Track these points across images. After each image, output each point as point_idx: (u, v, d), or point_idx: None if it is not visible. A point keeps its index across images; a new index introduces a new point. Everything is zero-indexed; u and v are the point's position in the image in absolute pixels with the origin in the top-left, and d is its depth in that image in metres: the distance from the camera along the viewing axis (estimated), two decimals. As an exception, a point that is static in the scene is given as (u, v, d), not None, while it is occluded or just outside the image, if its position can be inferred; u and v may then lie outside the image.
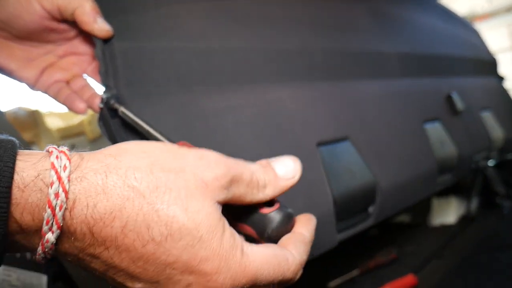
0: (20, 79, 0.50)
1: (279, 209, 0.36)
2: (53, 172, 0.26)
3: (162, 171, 0.29)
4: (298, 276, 0.34)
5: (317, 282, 1.00)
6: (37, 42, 0.48)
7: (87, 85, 0.52)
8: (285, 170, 0.36)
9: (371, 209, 0.70)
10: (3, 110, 0.71)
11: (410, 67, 0.96)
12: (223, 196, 0.31)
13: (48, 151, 0.28)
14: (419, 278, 0.91)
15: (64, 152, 0.28)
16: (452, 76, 1.13)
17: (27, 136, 0.76)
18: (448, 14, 1.33)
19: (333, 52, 0.76)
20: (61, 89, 0.51)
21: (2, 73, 0.49)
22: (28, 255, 0.56)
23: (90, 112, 0.55)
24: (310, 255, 0.58)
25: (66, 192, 0.26)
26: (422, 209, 1.33)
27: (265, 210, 0.35)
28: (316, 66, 0.72)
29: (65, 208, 0.27)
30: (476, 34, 1.41)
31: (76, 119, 0.82)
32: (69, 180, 0.27)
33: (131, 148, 0.30)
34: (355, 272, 1.01)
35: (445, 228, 1.24)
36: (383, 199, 0.70)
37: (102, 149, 0.30)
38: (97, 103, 0.48)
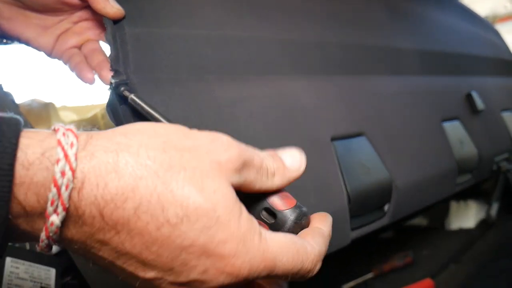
0: (37, 47, 0.49)
1: (295, 207, 0.34)
2: (59, 149, 0.25)
3: (175, 149, 0.28)
4: (317, 268, 0.32)
5: (330, 284, 0.98)
6: (52, 12, 0.48)
7: (98, 49, 0.51)
8: (292, 160, 0.35)
9: (386, 207, 0.67)
10: (18, 102, 0.71)
11: (429, 65, 0.94)
12: (236, 179, 0.29)
13: (54, 129, 0.27)
14: (436, 283, 0.89)
15: (71, 130, 0.27)
16: (472, 75, 1.10)
17: (41, 129, 0.76)
18: (468, 14, 1.30)
19: (350, 46, 0.74)
20: (73, 55, 0.50)
21: (20, 42, 0.49)
22: (37, 247, 0.56)
23: (103, 105, 0.54)
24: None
25: (73, 171, 0.25)
26: (440, 212, 1.30)
27: (281, 207, 0.34)
28: (332, 60, 0.70)
29: (72, 188, 0.25)
30: (496, 34, 1.38)
31: (90, 112, 0.82)
32: (76, 158, 0.25)
33: (143, 127, 0.29)
34: (369, 275, 0.98)
35: (463, 232, 1.20)
36: (399, 197, 0.68)
37: (113, 129, 0.29)
38: (105, 72, 0.47)
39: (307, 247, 0.31)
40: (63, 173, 0.25)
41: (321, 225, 0.36)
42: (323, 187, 0.57)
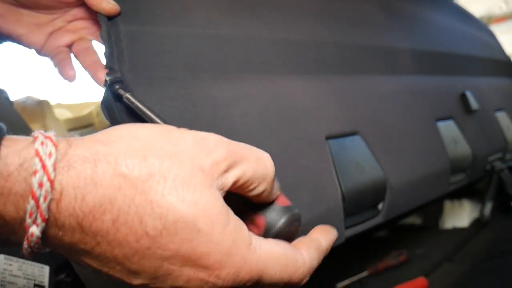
0: (28, 45, 0.49)
1: (287, 209, 0.34)
2: (37, 160, 0.25)
3: (156, 157, 0.27)
4: (304, 281, 0.32)
5: (325, 282, 0.98)
6: (45, 9, 0.48)
7: (90, 49, 0.50)
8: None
9: (380, 206, 0.68)
10: (12, 99, 0.71)
11: (423, 65, 0.95)
12: (225, 180, 0.29)
13: (33, 136, 0.26)
14: (430, 281, 0.89)
15: (50, 138, 0.26)
16: (466, 75, 1.10)
17: (35, 126, 0.76)
18: (462, 14, 1.31)
19: (345, 45, 0.75)
20: (60, 52, 0.49)
21: (10, 40, 0.48)
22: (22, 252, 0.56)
23: (98, 103, 0.54)
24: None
25: (52, 182, 0.24)
26: (434, 211, 1.30)
27: (273, 205, 0.34)
28: (327, 59, 0.71)
29: (51, 199, 0.25)
30: (490, 35, 1.39)
31: (85, 110, 0.82)
32: (54, 169, 0.25)
33: (124, 132, 0.28)
34: (364, 274, 0.99)
35: (457, 231, 1.21)
36: (393, 196, 0.68)
37: (92, 134, 0.28)
38: (100, 73, 0.47)
39: (299, 260, 0.31)
40: (40, 185, 0.24)
41: (320, 237, 0.35)
42: (318, 186, 0.57)
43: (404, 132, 0.78)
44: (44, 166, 0.24)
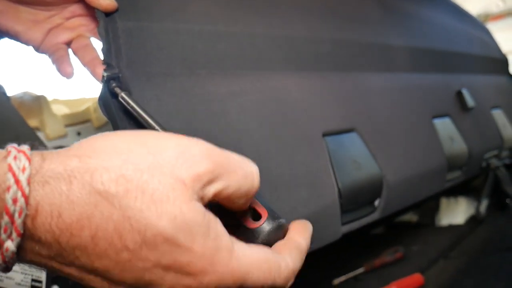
0: (26, 42, 0.49)
1: (268, 220, 0.34)
2: (10, 175, 0.24)
3: (134, 171, 0.26)
4: (289, 284, 0.32)
5: (321, 279, 0.99)
6: (43, 6, 0.48)
7: (89, 46, 0.50)
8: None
9: (377, 202, 0.68)
10: (9, 94, 0.70)
11: (420, 62, 0.95)
12: (206, 193, 0.28)
13: (7, 150, 0.26)
14: (426, 277, 0.90)
15: (23, 152, 0.25)
16: (462, 73, 1.11)
17: (32, 122, 0.76)
18: (459, 12, 1.31)
19: (341, 42, 0.75)
20: (59, 49, 0.49)
21: (8, 37, 0.48)
22: None
23: (95, 99, 0.54)
24: (314, 246, 0.58)
25: (26, 197, 0.24)
26: (430, 209, 1.31)
27: (253, 225, 0.33)
28: (323, 56, 0.71)
29: (26, 214, 0.24)
30: (487, 33, 1.39)
31: (82, 106, 0.82)
32: (29, 183, 0.24)
33: (100, 146, 0.27)
34: (360, 270, 0.99)
35: (453, 228, 1.21)
36: (389, 192, 0.69)
37: (69, 147, 0.28)
38: (99, 69, 0.46)
39: (281, 264, 0.31)
40: (15, 200, 0.24)
41: (299, 237, 0.35)
42: (315, 182, 0.58)
43: (401, 129, 0.78)
44: (17, 181, 0.24)
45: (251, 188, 0.31)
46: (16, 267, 0.55)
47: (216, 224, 0.28)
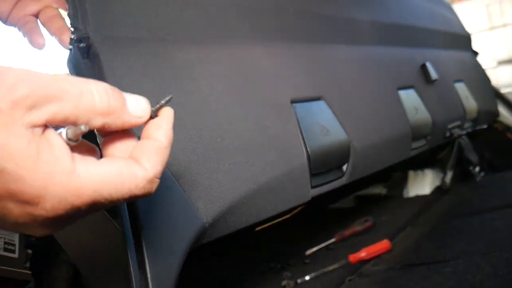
0: None
1: None
2: None
3: None
4: (153, 189, 0.32)
5: (294, 250, 1.01)
6: None
7: (57, 15, 0.50)
8: (135, 106, 0.32)
9: (345, 167, 0.71)
10: None
11: (384, 36, 0.98)
12: (34, 118, 0.27)
13: None
14: (393, 243, 0.94)
15: None
16: (427, 47, 1.14)
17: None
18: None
19: (307, 14, 0.76)
20: (28, 22, 0.49)
21: None
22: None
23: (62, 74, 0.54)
24: (284, 207, 0.59)
25: None
26: (398, 181, 1.36)
27: None
28: (289, 27, 0.72)
29: None
30: (449, 9, 1.44)
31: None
32: None
33: None
34: (331, 240, 1.02)
35: (420, 198, 1.26)
36: (356, 158, 0.71)
37: None
38: (66, 36, 0.47)
39: (138, 174, 0.31)
40: None
41: (159, 134, 0.33)
42: (284, 146, 0.59)
43: (367, 99, 0.81)
44: None
45: (92, 104, 0.29)
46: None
47: (50, 149, 0.28)
